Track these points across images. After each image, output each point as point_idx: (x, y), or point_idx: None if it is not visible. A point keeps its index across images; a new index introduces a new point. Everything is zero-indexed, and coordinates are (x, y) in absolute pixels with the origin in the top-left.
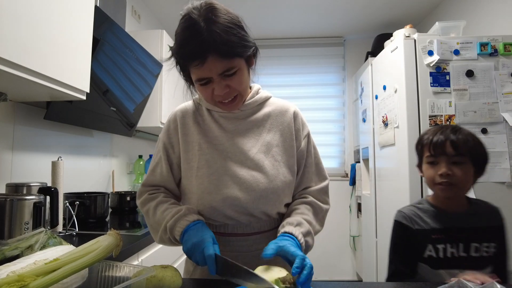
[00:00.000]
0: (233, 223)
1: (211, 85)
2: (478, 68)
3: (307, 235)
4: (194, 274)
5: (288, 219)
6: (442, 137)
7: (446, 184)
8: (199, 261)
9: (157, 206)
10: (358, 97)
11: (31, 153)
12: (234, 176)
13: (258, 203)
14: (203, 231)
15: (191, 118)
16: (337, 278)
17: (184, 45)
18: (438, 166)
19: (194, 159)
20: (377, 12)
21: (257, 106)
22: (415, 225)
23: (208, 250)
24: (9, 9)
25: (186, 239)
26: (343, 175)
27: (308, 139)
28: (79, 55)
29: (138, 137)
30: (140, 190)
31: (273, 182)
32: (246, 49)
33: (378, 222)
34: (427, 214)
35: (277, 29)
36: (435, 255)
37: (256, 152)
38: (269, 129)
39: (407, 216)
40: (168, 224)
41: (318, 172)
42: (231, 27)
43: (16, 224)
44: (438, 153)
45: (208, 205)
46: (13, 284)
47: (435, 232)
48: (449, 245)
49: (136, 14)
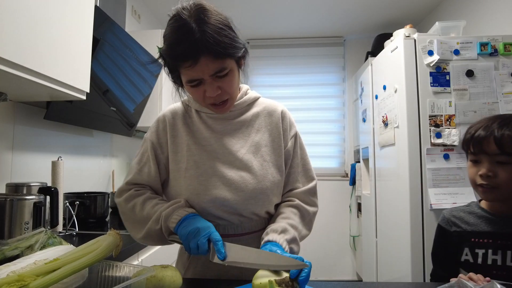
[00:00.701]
0: (224, 224)
1: (202, 87)
2: (478, 68)
3: (292, 242)
4: (189, 270)
5: (273, 226)
6: (484, 132)
7: (487, 186)
8: (200, 245)
9: (146, 201)
10: (358, 97)
11: (31, 153)
12: (222, 177)
13: (247, 204)
14: (204, 220)
15: (181, 119)
16: (337, 278)
17: (176, 45)
18: (479, 166)
19: (182, 160)
20: (377, 12)
21: (246, 106)
22: (453, 227)
23: (215, 235)
24: (9, 9)
25: (186, 225)
26: (343, 175)
27: (295, 139)
28: (79, 55)
29: (138, 137)
30: (123, 188)
31: (261, 182)
32: (237, 50)
33: (378, 222)
34: (473, 216)
35: (277, 29)
36: (472, 259)
37: (245, 153)
38: (258, 129)
39: (446, 218)
40: (164, 213)
41: (305, 172)
42: (222, 28)
43: (16, 224)
44: (478, 150)
45: (197, 206)
46: (13, 284)
47: (474, 235)
48: (490, 251)
49: (136, 14)
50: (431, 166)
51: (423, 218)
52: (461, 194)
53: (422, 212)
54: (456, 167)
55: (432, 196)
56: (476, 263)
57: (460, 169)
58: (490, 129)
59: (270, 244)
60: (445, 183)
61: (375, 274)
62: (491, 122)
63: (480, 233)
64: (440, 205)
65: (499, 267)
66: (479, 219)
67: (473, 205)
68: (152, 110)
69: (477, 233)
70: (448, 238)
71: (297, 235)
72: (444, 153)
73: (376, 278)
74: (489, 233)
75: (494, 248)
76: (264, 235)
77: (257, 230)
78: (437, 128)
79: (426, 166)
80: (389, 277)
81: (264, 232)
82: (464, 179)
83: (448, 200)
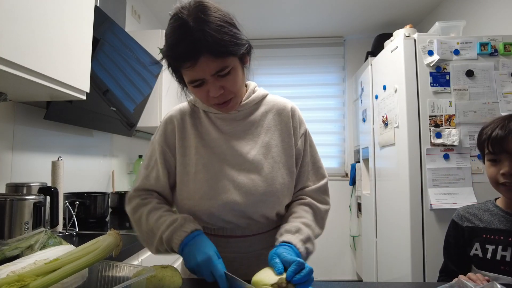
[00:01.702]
0: (231, 226)
1: (205, 87)
2: (478, 68)
3: (306, 242)
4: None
5: (286, 226)
6: (502, 132)
7: (510, 184)
8: (207, 278)
9: (150, 213)
10: (358, 97)
11: (31, 153)
12: (232, 180)
13: (257, 207)
14: (205, 245)
15: (189, 121)
16: (337, 278)
17: (175, 46)
18: (500, 165)
19: (191, 164)
20: (377, 12)
21: (254, 105)
22: (465, 223)
23: (217, 271)
24: (9, 9)
25: (188, 255)
26: (343, 175)
27: (305, 137)
28: (79, 55)
29: (138, 137)
30: (131, 195)
31: (272, 185)
32: (239, 47)
33: (378, 222)
34: (488, 213)
35: (277, 29)
36: (481, 254)
37: (255, 154)
38: (268, 129)
39: (460, 214)
40: (164, 236)
41: (316, 171)
42: (222, 25)
43: (16, 224)
44: (498, 150)
45: (207, 210)
46: (13, 284)
47: (486, 231)
48: (500, 247)
49: (136, 14)
50: (431, 166)
51: (423, 218)
52: (461, 194)
53: (422, 212)
54: (456, 167)
55: (432, 196)
56: (485, 258)
57: (460, 169)
58: (507, 128)
59: (282, 246)
60: (445, 183)
61: (375, 274)
62: (507, 122)
63: (492, 230)
64: (440, 205)
65: (507, 263)
66: (493, 216)
67: (489, 203)
68: (152, 110)
69: (489, 229)
70: (460, 232)
71: (311, 234)
72: (444, 153)
73: (376, 278)
74: (502, 231)
75: (504, 244)
76: (278, 235)
77: (265, 231)
78: (437, 128)
79: (426, 166)
80: (389, 277)
81: (278, 233)
82: (464, 179)
83: (448, 200)
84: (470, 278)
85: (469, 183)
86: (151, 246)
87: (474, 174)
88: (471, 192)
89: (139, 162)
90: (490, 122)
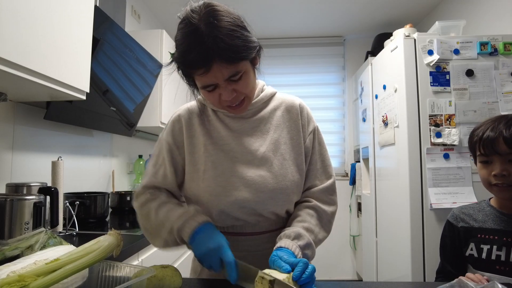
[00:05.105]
0: (241, 224)
1: (218, 91)
2: (478, 68)
3: (305, 248)
4: (202, 274)
5: (286, 231)
6: (493, 133)
7: (502, 185)
8: (215, 267)
9: (160, 206)
10: (358, 97)
11: (31, 153)
12: (242, 177)
13: (267, 204)
14: (216, 235)
15: (197, 119)
16: (337, 277)
17: (186, 53)
18: (491, 166)
19: (200, 162)
20: (377, 11)
21: (263, 103)
22: (460, 223)
23: (227, 257)
24: (9, 9)
25: (198, 243)
26: (343, 174)
27: (313, 135)
28: (79, 55)
29: (138, 137)
30: (139, 192)
31: (281, 182)
32: (251, 51)
33: (378, 222)
34: (482, 213)
35: (277, 29)
36: (476, 254)
37: (264, 151)
38: (277, 126)
39: (455, 215)
40: (175, 226)
41: (324, 169)
42: (234, 29)
43: (16, 224)
44: (489, 152)
45: (217, 208)
46: (13, 284)
47: (481, 231)
48: (495, 247)
49: (136, 14)
50: (431, 166)
51: (423, 217)
52: (461, 194)
53: (422, 211)
54: (456, 167)
55: (432, 196)
56: (480, 258)
57: (460, 169)
58: (498, 130)
59: (280, 250)
60: (445, 182)
61: (375, 273)
62: (497, 123)
63: (487, 230)
64: (440, 204)
65: (502, 263)
66: (488, 216)
67: (483, 203)
68: (152, 110)
69: (484, 229)
70: (455, 233)
71: (313, 239)
72: (444, 153)
73: (376, 278)
74: (496, 230)
75: (499, 244)
76: (277, 239)
77: (275, 229)
78: (437, 127)
79: (426, 166)
80: (389, 277)
81: (278, 237)
82: (464, 179)
83: (448, 199)
84: (470, 278)
85: (469, 183)
86: (159, 239)
87: (474, 174)
88: (471, 192)
89: (139, 162)
90: (481, 124)
